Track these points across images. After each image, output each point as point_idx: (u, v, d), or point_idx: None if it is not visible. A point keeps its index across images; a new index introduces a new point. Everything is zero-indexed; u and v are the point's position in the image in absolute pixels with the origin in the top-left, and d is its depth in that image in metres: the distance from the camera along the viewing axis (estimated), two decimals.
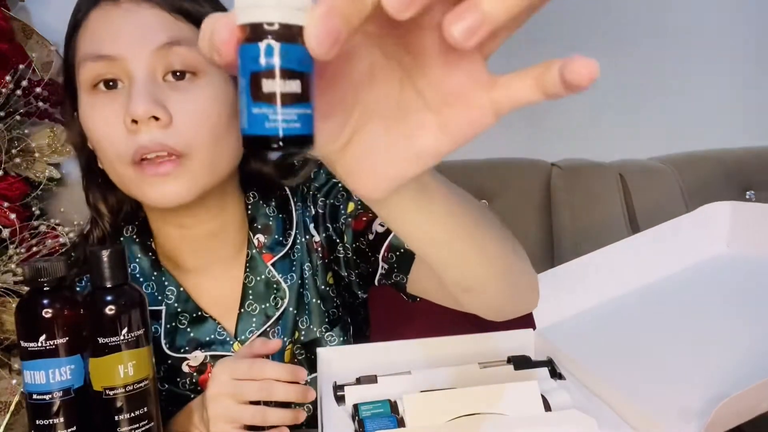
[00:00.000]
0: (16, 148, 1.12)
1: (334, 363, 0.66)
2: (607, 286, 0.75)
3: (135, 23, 0.62)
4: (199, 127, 0.62)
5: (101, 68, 0.62)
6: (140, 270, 0.73)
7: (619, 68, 1.45)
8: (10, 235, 1.04)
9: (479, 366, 0.65)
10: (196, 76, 0.64)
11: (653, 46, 1.46)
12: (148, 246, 0.73)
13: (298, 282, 0.74)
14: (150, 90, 0.61)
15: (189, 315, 0.72)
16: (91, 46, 0.63)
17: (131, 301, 0.57)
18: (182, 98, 0.62)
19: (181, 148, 0.62)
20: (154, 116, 0.60)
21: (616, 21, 1.44)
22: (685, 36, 1.47)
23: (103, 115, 0.62)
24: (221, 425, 0.61)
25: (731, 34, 1.48)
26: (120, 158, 0.62)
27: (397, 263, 0.67)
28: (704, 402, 0.51)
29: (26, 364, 0.55)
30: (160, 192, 0.62)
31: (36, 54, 1.16)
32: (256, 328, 0.73)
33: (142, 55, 0.62)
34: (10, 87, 1.08)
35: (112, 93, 0.63)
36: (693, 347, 0.61)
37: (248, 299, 0.73)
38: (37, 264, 0.55)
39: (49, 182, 1.20)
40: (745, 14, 1.48)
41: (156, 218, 0.72)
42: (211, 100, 0.64)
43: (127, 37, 0.62)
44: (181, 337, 0.72)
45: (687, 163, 1.39)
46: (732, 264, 0.76)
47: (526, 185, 1.35)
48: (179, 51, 0.62)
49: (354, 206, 0.71)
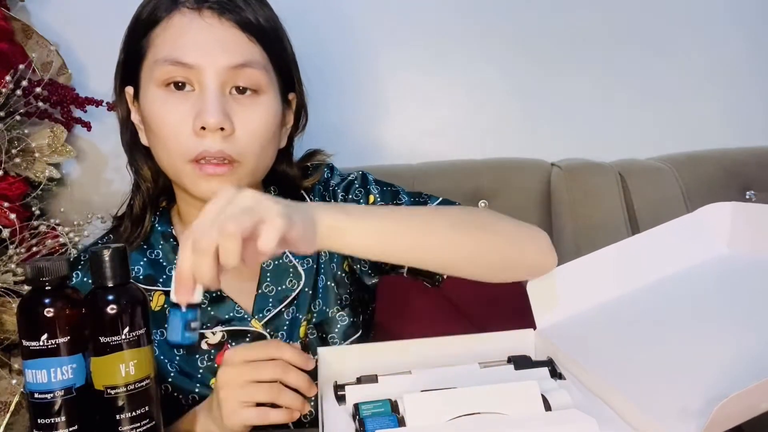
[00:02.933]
0: (16, 148, 1.12)
1: (334, 363, 0.66)
2: (607, 286, 0.75)
3: (216, 38, 0.69)
4: (253, 140, 0.71)
5: (178, 72, 0.69)
6: (163, 255, 0.80)
7: (619, 68, 1.45)
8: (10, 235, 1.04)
9: (479, 366, 0.65)
10: (257, 93, 0.72)
11: (653, 45, 1.46)
12: (169, 233, 0.81)
13: (313, 267, 0.81)
14: (221, 102, 0.69)
15: (209, 295, 0.78)
16: (172, 50, 0.69)
17: (133, 300, 0.57)
18: (244, 113, 0.71)
19: (235, 156, 0.70)
20: (222, 127, 0.68)
21: (616, 21, 1.44)
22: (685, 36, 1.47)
23: (172, 114, 0.69)
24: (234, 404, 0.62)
25: (731, 34, 1.48)
26: (182, 155, 0.70)
27: None
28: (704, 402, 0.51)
29: (28, 363, 0.56)
30: (210, 188, 0.70)
31: (36, 54, 1.16)
32: (272, 306, 0.79)
33: (218, 70, 0.69)
34: (10, 87, 1.08)
35: (182, 94, 0.70)
36: (693, 347, 0.61)
37: (265, 281, 0.79)
38: (39, 263, 0.55)
39: (49, 182, 1.20)
40: (745, 14, 1.48)
41: (189, 203, 0.78)
42: (265, 116, 0.73)
43: (207, 50, 0.69)
44: (202, 315, 0.76)
45: (687, 163, 1.39)
46: (732, 264, 0.76)
47: (526, 185, 1.35)
48: (248, 72, 0.70)
49: (374, 199, 0.82)
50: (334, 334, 0.81)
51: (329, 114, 1.38)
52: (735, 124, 1.50)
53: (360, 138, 1.42)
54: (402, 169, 1.35)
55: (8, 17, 1.15)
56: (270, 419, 0.62)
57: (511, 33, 1.42)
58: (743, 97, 1.50)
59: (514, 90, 1.44)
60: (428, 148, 1.42)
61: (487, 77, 1.43)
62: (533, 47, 1.42)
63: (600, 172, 1.36)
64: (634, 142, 1.47)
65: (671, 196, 1.33)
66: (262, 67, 0.72)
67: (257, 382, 0.62)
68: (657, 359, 0.61)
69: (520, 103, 1.44)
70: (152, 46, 0.72)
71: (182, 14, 0.70)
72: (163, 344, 0.78)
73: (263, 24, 0.73)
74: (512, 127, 1.45)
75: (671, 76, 1.47)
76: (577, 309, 0.73)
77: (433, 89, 1.43)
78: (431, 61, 1.42)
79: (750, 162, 1.40)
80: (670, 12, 1.46)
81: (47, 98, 1.15)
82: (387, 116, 1.43)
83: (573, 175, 1.34)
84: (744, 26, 1.48)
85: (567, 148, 1.44)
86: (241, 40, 0.71)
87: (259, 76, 0.72)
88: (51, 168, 1.19)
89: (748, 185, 1.38)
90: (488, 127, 1.44)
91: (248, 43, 0.71)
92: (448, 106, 1.44)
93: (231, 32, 0.70)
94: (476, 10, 1.41)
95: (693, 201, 1.30)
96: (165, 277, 0.79)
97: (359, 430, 0.55)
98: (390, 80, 1.42)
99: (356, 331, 0.83)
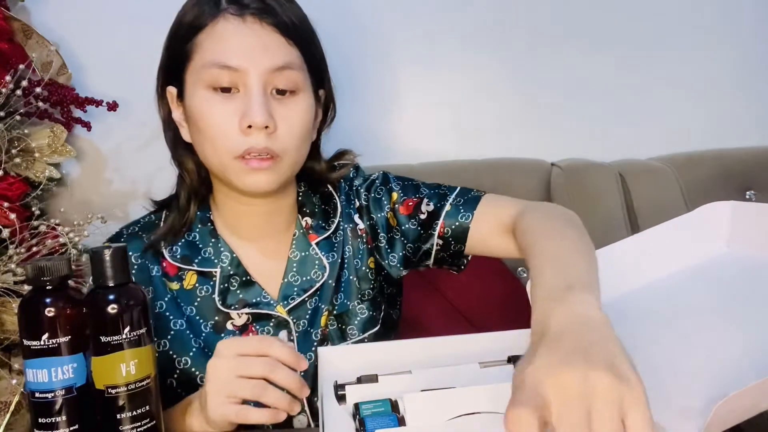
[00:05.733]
0: (16, 148, 1.12)
1: (335, 362, 0.66)
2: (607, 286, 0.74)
3: (259, 42, 0.74)
4: (293, 136, 0.76)
5: (224, 75, 0.73)
6: (200, 238, 0.85)
7: (620, 68, 1.45)
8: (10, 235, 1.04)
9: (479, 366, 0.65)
10: (295, 94, 0.77)
11: (654, 45, 1.46)
12: (207, 218, 0.86)
13: (338, 261, 0.85)
14: (265, 102, 0.73)
15: (239, 278, 0.82)
16: (220, 55, 0.74)
17: (133, 300, 0.57)
18: (284, 111, 0.75)
19: (278, 151, 0.75)
20: (266, 126, 0.73)
21: (616, 21, 1.44)
22: (685, 36, 1.47)
23: (219, 114, 0.74)
24: (219, 398, 0.62)
25: (731, 34, 1.48)
26: (229, 152, 0.74)
27: (453, 237, 0.83)
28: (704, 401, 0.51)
29: (29, 362, 0.56)
30: (255, 181, 0.75)
31: (36, 54, 1.16)
32: (297, 295, 0.83)
33: (262, 72, 0.73)
34: (10, 87, 1.08)
35: (228, 96, 0.74)
36: (693, 347, 0.61)
37: (291, 271, 0.84)
38: (40, 263, 0.56)
39: (49, 182, 1.20)
40: (746, 14, 1.48)
41: (226, 194, 0.83)
42: (303, 114, 0.77)
43: (252, 53, 0.73)
44: (231, 296, 0.82)
45: (687, 163, 1.39)
46: (732, 264, 0.76)
47: (526, 185, 1.35)
48: (288, 74, 0.75)
49: (397, 195, 0.88)
50: (353, 326, 0.84)
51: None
52: (735, 124, 1.50)
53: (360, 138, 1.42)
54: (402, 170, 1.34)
55: (8, 17, 1.16)
56: (250, 418, 0.62)
57: (512, 33, 1.42)
58: (743, 98, 1.50)
59: (514, 90, 1.44)
60: (428, 148, 1.42)
61: (487, 77, 1.43)
62: (533, 47, 1.43)
63: (600, 172, 1.36)
64: (634, 142, 1.47)
65: (671, 196, 1.33)
66: (299, 67, 0.77)
67: (244, 377, 0.62)
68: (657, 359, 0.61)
69: (520, 103, 1.44)
70: (198, 50, 0.75)
71: (226, 20, 0.74)
72: (193, 319, 0.81)
73: (298, 25, 0.77)
74: (512, 127, 1.45)
75: (671, 76, 1.47)
76: None
77: (434, 89, 1.43)
78: (432, 62, 1.42)
79: (750, 162, 1.40)
80: (671, 12, 1.46)
81: (47, 98, 1.15)
82: (387, 117, 1.43)
83: (573, 175, 1.35)
84: (744, 27, 1.48)
85: (567, 148, 1.44)
86: (280, 42, 0.75)
87: (297, 77, 0.76)
88: (51, 168, 1.19)
89: (748, 185, 1.38)
90: (488, 127, 1.44)
91: (287, 45, 0.76)
92: (448, 107, 1.44)
93: (272, 36, 0.75)
94: (476, 10, 1.41)
95: (693, 201, 1.30)
96: (200, 258, 0.83)
97: (359, 429, 0.55)
98: (390, 81, 1.42)
99: (374, 325, 0.85)
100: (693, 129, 1.49)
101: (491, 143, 1.43)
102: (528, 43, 1.42)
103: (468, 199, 0.84)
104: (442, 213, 0.84)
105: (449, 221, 0.84)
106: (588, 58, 1.44)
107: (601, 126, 1.47)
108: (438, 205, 0.85)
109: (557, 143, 1.44)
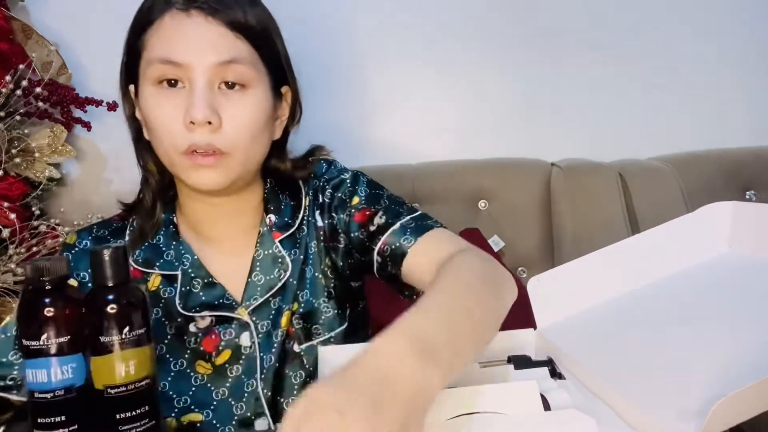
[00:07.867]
0: (16, 148, 1.12)
1: (334, 362, 0.66)
2: (607, 286, 0.75)
3: (203, 37, 0.73)
4: (241, 132, 0.74)
5: (169, 70, 0.73)
6: (163, 241, 0.83)
7: (620, 68, 1.45)
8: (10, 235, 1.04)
9: (479, 366, 0.65)
10: (244, 88, 0.75)
11: (654, 46, 1.46)
12: (170, 220, 0.85)
13: (301, 258, 0.84)
14: (208, 98, 0.72)
15: (201, 280, 0.81)
16: (163, 50, 0.73)
17: (133, 300, 0.57)
18: (232, 107, 0.74)
19: (224, 148, 0.73)
20: (209, 121, 0.71)
21: (616, 21, 1.44)
22: (685, 36, 1.47)
23: (164, 110, 0.73)
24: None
25: (731, 34, 1.48)
26: (175, 148, 0.73)
27: (390, 257, 0.78)
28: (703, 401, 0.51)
29: (28, 362, 0.56)
30: (200, 177, 0.74)
31: (36, 54, 1.16)
32: (259, 295, 0.81)
33: (206, 67, 0.72)
34: (10, 87, 1.08)
35: (173, 91, 0.73)
36: (693, 347, 0.61)
37: (255, 270, 0.82)
38: (39, 263, 0.55)
39: (49, 182, 1.20)
40: (746, 14, 1.48)
41: (187, 194, 0.82)
42: (254, 109, 0.75)
43: (196, 48, 0.72)
44: (193, 299, 0.81)
45: (687, 163, 1.40)
46: (733, 264, 0.76)
47: (526, 185, 1.35)
48: (236, 68, 0.74)
49: (358, 200, 0.83)
50: (318, 325, 0.83)
51: (330, 113, 1.38)
52: (735, 124, 1.50)
53: (360, 138, 1.42)
54: (402, 169, 1.35)
55: (8, 17, 1.16)
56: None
57: (512, 34, 1.42)
58: (743, 98, 1.50)
59: (514, 90, 1.44)
60: (428, 148, 1.42)
61: (487, 78, 1.43)
62: (533, 48, 1.43)
63: (600, 172, 1.36)
64: (634, 142, 1.47)
65: (671, 196, 1.33)
66: (249, 63, 0.75)
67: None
68: (657, 359, 0.61)
69: (520, 103, 1.44)
70: (147, 46, 0.75)
71: (172, 16, 0.74)
72: (156, 323, 0.80)
73: (251, 22, 0.76)
74: (512, 127, 1.45)
75: (672, 76, 1.47)
76: (577, 309, 0.73)
77: (434, 89, 1.43)
78: (432, 62, 1.42)
79: (750, 162, 1.40)
80: (671, 13, 1.46)
81: (47, 98, 1.15)
82: (387, 116, 1.43)
83: (573, 175, 1.35)
84: (744, 27, 1.48)
85: (567, 148, 1.44)
86: (228, 38, 0.74)
87: (246, 71, 0.74)
88: (51, 168, 1.19)
89: (748, 185, 1.38)
90: (488, 127, 1.44)
91: (235, 40, 0.74)
92: (448, 107, 1.44)
93: (218, 31, 0.74)
94: (477, 10, 1.41)
95: (693, 201, 1.30)
96: (162, 260, 0.82)
97: None
98: (390, 81, 1.42)
99: (341, 323, 0.84)
100: (693, 129, 1.49)
101: (491, 143, 1.43)
102: (528, 43, 1.42)
103: (419, 226, 0.78)
104: (389, 230, 0.79)
105: (392, 239, 0.78)
106: (588, 58, 1.44)
107: (601, 126, 1.47)
108: (389, 221, 0.80)
109: (557, 143, 1.44)
